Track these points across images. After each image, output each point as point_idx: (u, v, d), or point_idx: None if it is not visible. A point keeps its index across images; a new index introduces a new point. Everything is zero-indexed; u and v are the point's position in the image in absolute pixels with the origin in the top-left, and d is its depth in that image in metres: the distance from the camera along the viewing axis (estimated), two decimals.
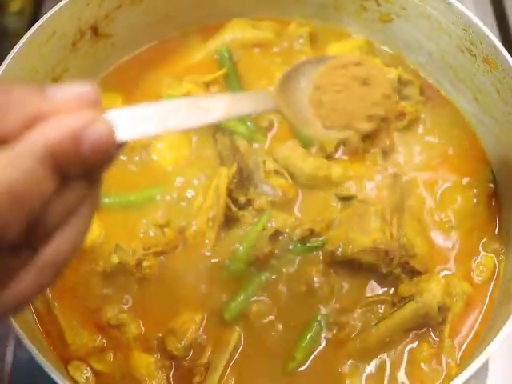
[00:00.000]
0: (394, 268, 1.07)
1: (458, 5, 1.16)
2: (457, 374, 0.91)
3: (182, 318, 1.05)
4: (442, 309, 1.04)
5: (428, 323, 1.06)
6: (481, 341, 1.05)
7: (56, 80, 1.21)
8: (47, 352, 1.01)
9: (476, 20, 1.14)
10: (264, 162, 1.15)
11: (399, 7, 1.26)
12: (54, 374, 0.88)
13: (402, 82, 1.25)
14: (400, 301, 1.05)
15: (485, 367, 1.17)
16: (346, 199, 1.14)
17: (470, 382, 0.90)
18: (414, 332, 1.06)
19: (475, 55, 1.17)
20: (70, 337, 1.04)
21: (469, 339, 1.07)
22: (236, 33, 1.31)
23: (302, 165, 1.14)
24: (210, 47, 1.31)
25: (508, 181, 1.17)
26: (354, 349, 1.04)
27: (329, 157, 1.19)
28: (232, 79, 1.27)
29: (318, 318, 1.06)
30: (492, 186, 1.19)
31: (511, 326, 0.93)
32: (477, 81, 1.20)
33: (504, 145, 1.17)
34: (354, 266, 1.09)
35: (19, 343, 1.13)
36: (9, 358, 1.17)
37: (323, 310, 1.07)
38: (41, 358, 0.88)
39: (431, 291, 1.04)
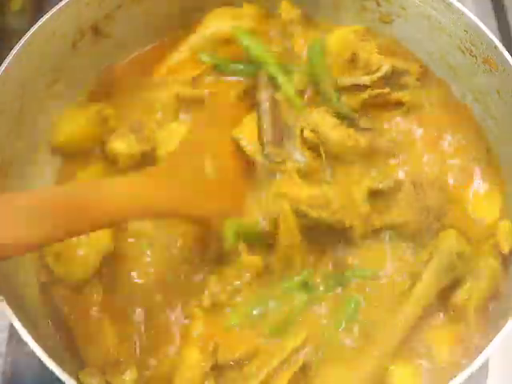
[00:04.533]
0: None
1: (458, 5, 1.16)
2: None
3: None
4: (462, 256, 1.05)
5: (457, 279, 1.05)
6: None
7: (56, 80, 1.21)
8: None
9: (476, 20, 1.14)
10: (302, 130, 1.14)
11: (399, 7, 1.26)
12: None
13: (396, 72, 1.25)
14: (424, 265, 1.06)
15: (485, 367, 1.17)
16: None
17: (470, 382, 0.91)
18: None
19: (475, 56, 1.17)
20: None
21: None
22: (215, 26, 1.26)
23: (330, 133, 1.13)
24: (192, 45, 1.27)
25: (509, 180, 1.18)
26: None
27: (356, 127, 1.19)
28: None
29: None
30: None
31: (511, 326, 0.93)
32: (477, 81, 1.20)
33: (504, 145, 1.17)
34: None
35: None
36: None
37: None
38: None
39: (445, 241, 1.06)
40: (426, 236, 1.10)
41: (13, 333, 1.18)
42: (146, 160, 1.16)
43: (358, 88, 1.22)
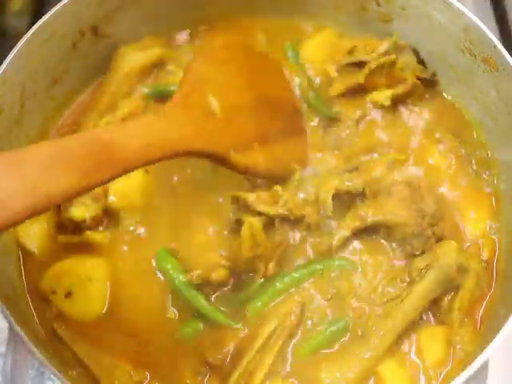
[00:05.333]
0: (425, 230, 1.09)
1: (457, 5, 1.16)
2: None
3: None
4: (461, 268, 1.06)
5: (450, 288, 1.06)
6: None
7: (56, 80, 1.21)
8: None
9: (476, 20, 1.14)
10: None
11: (399, 7, 1.26)
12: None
13: (397, 49, 1.26)
14: (419, 273, 1.06)
15: (485, 367, 1.17)
16: None
17: (470, 382, 0.91)
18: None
19: (475, 55, 1.17)
20: None
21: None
22: (127, 63, 1.27)
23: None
24: (113, 90, 1.26)
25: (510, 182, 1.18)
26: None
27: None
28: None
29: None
30: None
31: (511, 326, 0.93)
32: (477, 81, 1.20)
33: (504, 145, 1.17)
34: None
35: None
36: None
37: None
38: None
39: (446, 253, 1.06)
40: (418, 241, 1.09)
41: (13, 333, 1.18)
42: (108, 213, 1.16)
43: (360, 66, 1.24)
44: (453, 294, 1.07)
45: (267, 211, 1.07)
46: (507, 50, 1.10)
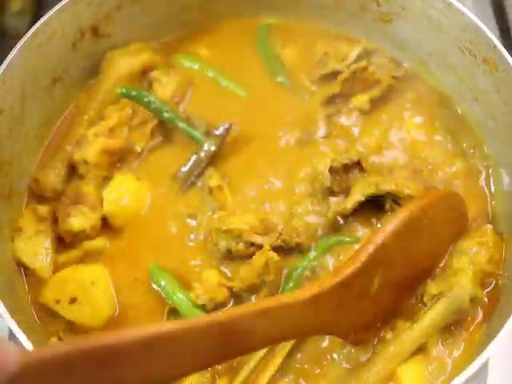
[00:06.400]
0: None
1: (458, 5, 1.16)
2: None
3: None
4: (474, 300, 1.04)
5: (461, 318, 1.05)
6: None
7: (56, 80, 1.21)
8: None
9: (476, 20, 1.14)
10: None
11: (399, 7, 1.26)
12: None
13: (368, 52, 1.28)
14: (431, 299, 1.04)
15: (485, 367, 1.17)
16: None
17: (470, 382, 0.91)
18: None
19: (475, 55, 1.17)
20: None
21: None
22: (117, 68, 1.25)
23: None
24: (100, 95, 1.25)
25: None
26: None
27: None
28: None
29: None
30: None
31: (511, 326, 0.93)
32: (477, 81, 1.20)
33: (504, 144, 1.17)
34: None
35: None
36: None
37: None
38: None
39: (461, 284, 1.03)
40: None
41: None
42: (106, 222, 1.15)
43: (334, 75, 1.27)
44: None
45: (261, 242, 1.07)
46: (507, 49, 1.10)
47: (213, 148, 1.19)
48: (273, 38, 1.36)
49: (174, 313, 1.07)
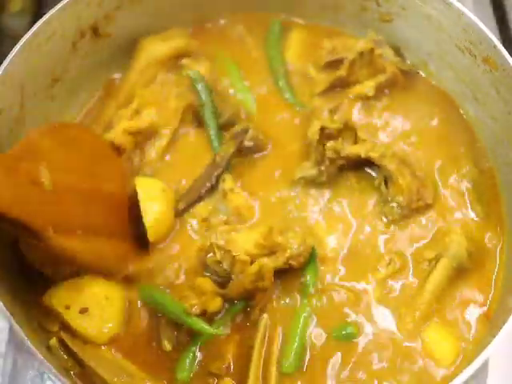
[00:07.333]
0: None
1: (458, 5, 1.16)
2: None
3: None
4: (471, 254, 1.09)
5: (462, 272, 1.09)
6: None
7: (56, 80, 1.21)
8: None
9: (476, 20, 1.14)
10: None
11: (399, 7, 1.26)
12: None
13: (375, 44, 1.28)
14: (428, 264, 1.09)
15: (485, 367, 1.17)
16: None
17: (470, 382, 0.91)
18: None
19: (475, 55, 1.17)
20: None
21: None
22: (149, 53, 1.28)
23: None
24: (132, 78, 1.28)
25: (508, 179, 1.18)
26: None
27: None
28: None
29: None
30: None
31: (511, 326, 0.93)
32: (477, 81, 1.20)
33: (504, 144, 1.17)
34: None
35: None
36: None
37: None
38: None
39: (456, 242, 1.08)
40: (404, 200, 1.13)
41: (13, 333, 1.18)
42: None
43: (341, 62, 1.27)
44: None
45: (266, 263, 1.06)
46: (507, 49, 1.10)
47: (231, 150, 1.20)
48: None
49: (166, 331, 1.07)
